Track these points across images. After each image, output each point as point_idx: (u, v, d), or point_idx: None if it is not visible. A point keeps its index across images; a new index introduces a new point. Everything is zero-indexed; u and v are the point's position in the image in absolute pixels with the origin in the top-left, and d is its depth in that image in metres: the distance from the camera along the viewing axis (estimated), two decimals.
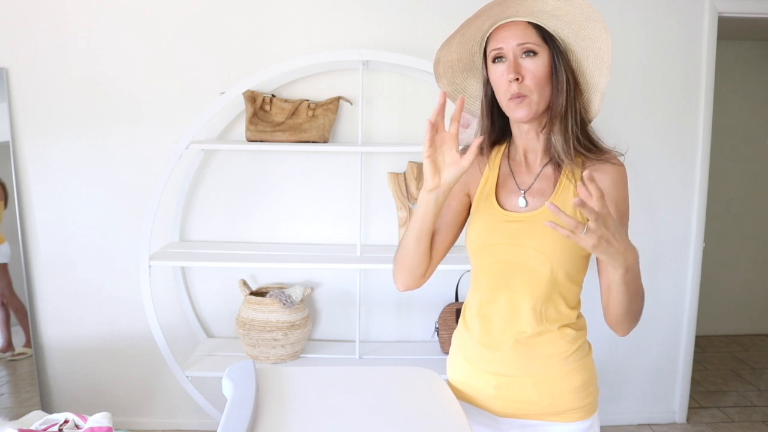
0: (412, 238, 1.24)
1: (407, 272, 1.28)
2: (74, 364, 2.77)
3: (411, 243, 1.24)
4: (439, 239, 1.30)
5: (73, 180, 2.68)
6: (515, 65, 1.16)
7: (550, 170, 1.24)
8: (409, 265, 1.27)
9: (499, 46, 1.18)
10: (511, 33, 1.16)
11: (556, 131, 1.19)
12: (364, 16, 2.63)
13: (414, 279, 1.30)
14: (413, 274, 1.28)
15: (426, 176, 1.17)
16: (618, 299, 1.13)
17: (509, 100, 1.18)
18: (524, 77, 1.16)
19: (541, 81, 1.16)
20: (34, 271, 2.72)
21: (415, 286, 1.32)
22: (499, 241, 1.23)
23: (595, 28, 1.15)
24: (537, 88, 1.16)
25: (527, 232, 1.20)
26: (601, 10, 1.20)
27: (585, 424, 1.25)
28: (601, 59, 1.18)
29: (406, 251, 1.26)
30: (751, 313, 4.31)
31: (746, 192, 4.19)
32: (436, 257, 1.30)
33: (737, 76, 4.03)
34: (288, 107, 2.52)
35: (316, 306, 2.79)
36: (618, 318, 1.17)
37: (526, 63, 1.16)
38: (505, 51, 1.17)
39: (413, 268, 1.27)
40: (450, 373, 1.36)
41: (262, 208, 2.72)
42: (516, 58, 1.16)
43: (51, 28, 2.59)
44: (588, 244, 0.98)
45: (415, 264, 1.27)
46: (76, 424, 1.64)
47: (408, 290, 1.33)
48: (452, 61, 1.28)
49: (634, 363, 2.90)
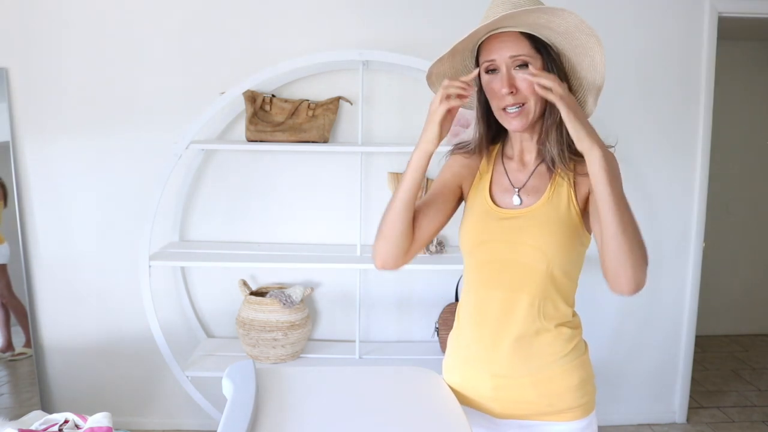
0: (399, 201, 1.21)
1: (389, 244, 1.24)
2: (74, 364, 2.77)
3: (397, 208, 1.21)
4: (425, 221, 1.27)
5: (73, 180, 2.68)
6: (509, 78, 1.16)
7: (544, 168, 1.25)
8: (392, 235, 1.23)
9: (492, 57, 1.17)
10: (503, 44, 1.16)
11: (552, 140, 1.20)
12: (364, 16, 2.63)
13: (395, 254, 1.24)
14: (395, 248, 1.24)
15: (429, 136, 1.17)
16: (609, 218, 1.06)
17: (503, 111, 1.19)
18: (519, 89, 1.16)
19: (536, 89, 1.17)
20: (34, 271, 2.72)
21: (393, 264, 1.26)
22: (494, 238, 1.23)
23: (589, 41, 1.15)
24: (533, 96, 1.16)
25: (522, 228, 1.21)
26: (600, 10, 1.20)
27: (583, 422, 1.25)
28: (594, 68, 1.19)
29: (391, 217, 1.22)
30: (751, 313, 4.30)
31: (746, 192, 4.19)
32: (420, 238, 1.26)
33: (737, 76, 4.03)
34: (288, 107, 2.51)
35: (316, 306, 2.79)
36: (617, 255, 1.06)
37: (519, 74, 1.16)
38: (498, 63, 1.17)
39: (395, 239, 1.23)
40: (446, 376, 1.35)
41: (262, 208, 2.72)
42: (509, 70, 1.16)
43: (51, 28, 2.59)
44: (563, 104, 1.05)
45: (397, 234, 1.22)
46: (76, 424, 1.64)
47: (385, 268, 1.26)
48: (444, 71, 1.27)
49: (634, 363, 2.90)
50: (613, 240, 1.06)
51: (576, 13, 1.10)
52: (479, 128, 1.30)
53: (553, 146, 1.20)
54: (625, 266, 1.06)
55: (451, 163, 1.35)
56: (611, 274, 1.09)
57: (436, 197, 1.29)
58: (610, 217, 1.06)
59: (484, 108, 1.27)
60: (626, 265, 1.06)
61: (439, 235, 2.67)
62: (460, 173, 1.32)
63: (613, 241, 1.06)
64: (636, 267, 1.06)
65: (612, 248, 1.07)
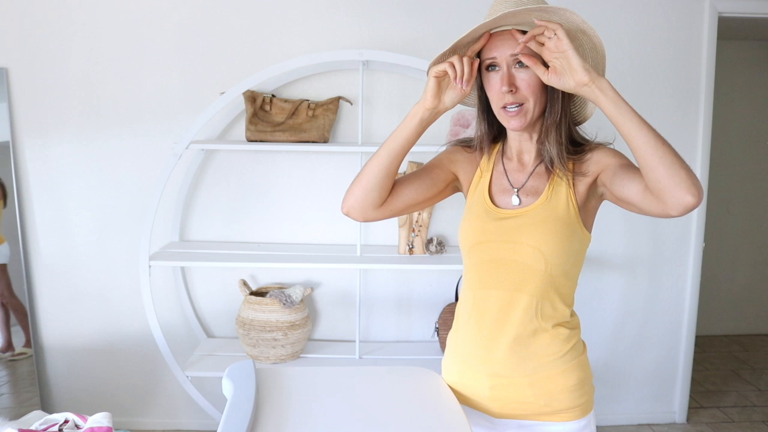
0: (384, 152, 1.23)
1: (362, 191, 1.24)
2: (74, 364, 2.77)
3: (380, 158, 1.23)
4: (404, 189, 1.28)
5: (73, 180, 2.68)
6: (509, 76, 1.16)
7: (543, 169, 1.25)
8: (367, 183, 1.24)
9: (493, 55, 1.18)
10: (504, 42, 1.17)
11: (551, 140, 1.21)
12: (364, 16, 2.63)
13: (364, 204, 1.25)
14: (366, 197, 1.24)
15: (427, 95, 1.18)
16: (643, 138, 1.04)
17: (502, 110, 1.19)
18: (518, 88, 1.17)
19: (536, 89, 1.17)
20: (34, 271, 2.72)
21: (358, 214, 1.26)
22: (493, 238, 1.23)
23: (590, 42, 1.16)
24: (533, 96, 1.17)
25: (521, 228, 1.21)
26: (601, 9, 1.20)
27: (581, 422, 1.25)
28: (597, 65, 1.19)
29: (371, 166, 1.24)
30: (751, 313, 4.30)
31: (746, 192, 4.19)
32: (395, 203, 1.27)
33: (737, 76, 4.03)
34: (288, 107, 2.52)
35: (316, 306, 2.79)
36: (668, 169, 1.02)
37: (519, 74, 1.17)
38: (499, 60, 1.18)
39: (370, 188, 1.24)
40: (445, 375, 1.35)
41: (262, 208, 2.72)
42: (509, 69, 1.17)
43: (51, 28, 2.59)
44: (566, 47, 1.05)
45: (373, 184, 1.23)
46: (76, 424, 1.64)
47: (350, 215, 1.26)
48: None
49: (634, 363, 2.90)
50: (654, 156, 1.03)
51: (578, 13, 1.10)
52: (480, 126, 1.31)
53: (552, 146, 1.21)
54: (679, 174, 1.02)
55: (451, 150, 1.37)
56: (669, 193, 1.03)
57: (424, 172, 1.31)
58: (643, 137, 1.04)
59: (485, 106, 1.28)
60: (680, 172, 1.02)
61: (439, 235, 2.67)
62: (458, 161, 1.34)
63: (654, 158, 1.03)
64: (688, 171, 1.03)
65: (658, 165, 1.03)
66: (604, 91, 1.07)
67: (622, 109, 1.07)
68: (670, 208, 1.04)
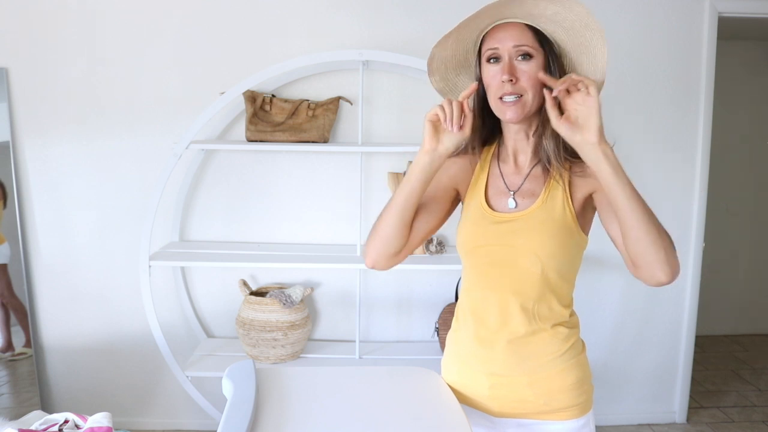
0: (397, 205, 1.20)
1: (382, 244, 1.23)
2: (74, 364, 2.77)
3: (394, 211, 1.21)
4: (418, 223, 1.26)
5: (73, 180, 2.68)
6: (510, 67, 1.16)
7: (539, 171, 1.24)
8: (386, 236, 1.22)
9: (495, 46, 1.18)
10: (507, 34, 1.16)
11: (548, 135, 1.19)
12: (364, 16, 2.63)
13: (386, 255, 1.24)
14: (387, 248, 1.23)
15: (425, 138, 1.16)
16: (629, 217, 1.06)
17: (499, 100, 1.18)
18: (519, 79, 1.16)
19: (536, 83, 1.16)
20: (34, 271, 2.72)
21: (383, 265, 1.26)
22: (489, 242, 1.23)
23: (593, 37, 1.15)
24: (532, 89, 1.16)
25: (517, 232, 1.21)
26: (601, 9, 1.20)
27: (580, 421, 1.25)
28: (595, 66, 1.19)
29: (387, 219, 1.22)
30: (751, 313, 4.30)
31: (746, 192, 4.19)
32: (413, 240, 1.26)
33: (737, 76, 4.03)
34: (288, 107, 2.52)
35: (316, 306, 2.79)
36: (646, 245, 1.06)
37: (521, 65, 1.16)
38: (501, 51, 1.17)
39: (389, 240, 1.22)
40: (445, 374, 1.35)
41: (262, 208, 2.72)
42: (511, 60, 1.16)
43: (51, 28, 2.59)
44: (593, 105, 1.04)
45: (392, 235, 1.22)
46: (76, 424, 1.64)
47: (376, 267, 1.25)
48: (446, 57, 1.27)
49: (634, 363, 2.90)
50: (638, 231, 1.06)
51: (584, 5, 1.10)
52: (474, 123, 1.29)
53: (550, 141, 1.19)
54: (658, 253, 1.06)
55: (447, 165, 1.32)
56: (644, 267, 1.08)
57: (430, 200, 1.29)
58: (633, 209, 1.06)
59: (481, 102, 1.26)
60: (659, 252, 1.06)
61: (439, 235, 2.67)
62: (456, 176, 1.31)
63: (638, 233, 1.06)
64: (668, 251, 1.07)
65: (639, 240, 1.06)
66: (607, 155, 1.06)
67: (619, 177, 1.06)
68: (642, 277, 1.11)
